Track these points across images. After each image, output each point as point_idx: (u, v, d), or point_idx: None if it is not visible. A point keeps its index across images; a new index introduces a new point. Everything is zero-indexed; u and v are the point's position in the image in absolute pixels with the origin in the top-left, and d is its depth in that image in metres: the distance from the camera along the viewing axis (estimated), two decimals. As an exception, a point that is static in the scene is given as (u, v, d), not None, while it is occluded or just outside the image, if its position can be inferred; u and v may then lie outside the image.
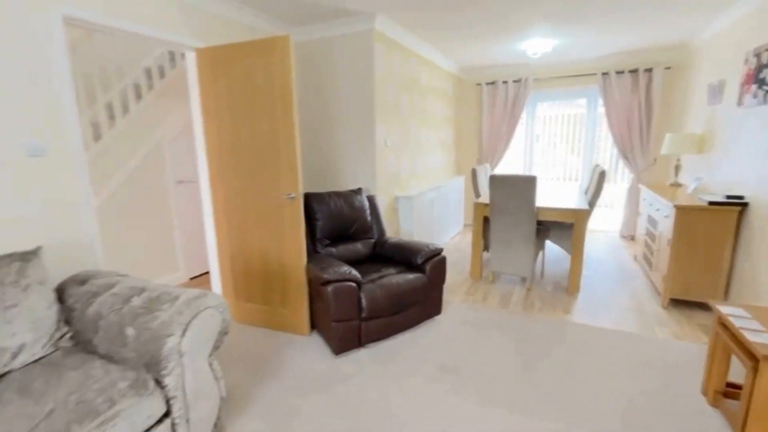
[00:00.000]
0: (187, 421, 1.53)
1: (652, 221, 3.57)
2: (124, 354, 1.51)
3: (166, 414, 1.47)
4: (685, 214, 2.81)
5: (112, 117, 3.31)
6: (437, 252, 2.81)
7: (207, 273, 3.96)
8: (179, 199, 3.70)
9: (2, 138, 1.72)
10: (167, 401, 1.46)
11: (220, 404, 1.70)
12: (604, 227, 5.58)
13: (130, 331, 1.52)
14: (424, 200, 4.11)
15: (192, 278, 3.89)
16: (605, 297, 3.27)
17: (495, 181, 3.30)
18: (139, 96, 3.44)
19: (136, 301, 1.60)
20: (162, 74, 3.61)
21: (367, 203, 3.17)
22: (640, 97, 4.67)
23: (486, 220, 3.69)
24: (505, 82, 5.35)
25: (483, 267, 3.99)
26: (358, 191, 3.16)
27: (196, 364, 1.54)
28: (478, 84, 5.58)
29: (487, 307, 3.09)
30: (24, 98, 1.79)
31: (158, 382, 1.45)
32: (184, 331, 1.48)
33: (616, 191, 5.55)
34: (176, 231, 3.69)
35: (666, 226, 3.06)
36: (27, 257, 1.64)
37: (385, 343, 2.55)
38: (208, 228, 2.90)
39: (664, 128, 4.72)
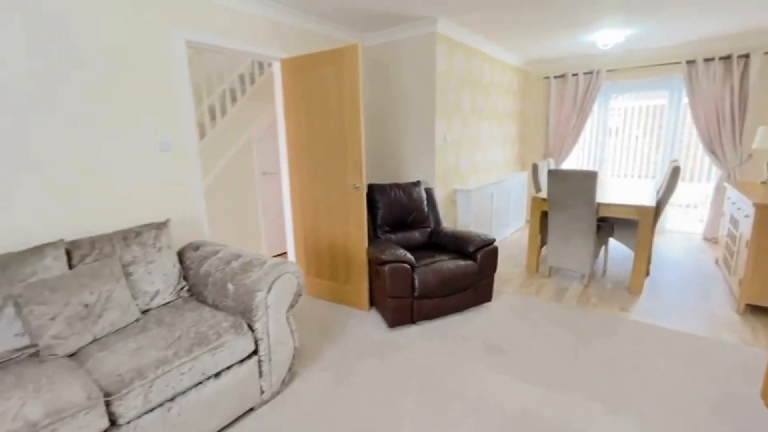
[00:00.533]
0: (270, 360, 1.93)
1: (734, 221, 3.31)
2: (226, 303, 1.96)
3: (255, 352, 1.89)
4: (765, 212, 2.62)
5: (213, 118, 3.95)
6: (489, 242, 2.96)
7: (285, 253, 4.51)
8: (264, 188, 4.28)
9: (144, 138, 2.28)
10: (256, 342, 1.87)
11: (294, 353, 2.09)
12: (686, 228, 5.16)
13: (230, 286, 1.96)
14: (482, 194, 4.23)
15: (273, 256, 4.47)
16: (671, 299, 3.13)
17: (553, 175, 3.33)
18: (234, 99, 4.05)
19: (235, 264, 2.04)
20: (252, 80, 4.19)
21: (424, 195, 3.41)
22: (733, 86, 4.24)
23: (544, 215, 3.71)
24: (574, 75, 5.18)
25: (540, 262, 4.00)
26: (417, 183, 3.42)
27: (277, 315, 1.93)
28: (546, 77, 5.46)
29: (540, 300, 3.16)
30: (158, 107, 2.33)
31: (250, 326, 1.86)
32: (270, 288, 1.88)
33: (701, 190, 5.08)
34: (260, 216, 4.28)
35: (746, 226, 2.85)
36: (160, 227, 2.18)
37: (435, 322, 2.79)
38: (286, 214, 3.37)
39: (759, 121, 4.23)
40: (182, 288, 2.19)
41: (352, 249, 2.97)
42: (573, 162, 5.65)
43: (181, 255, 2.31)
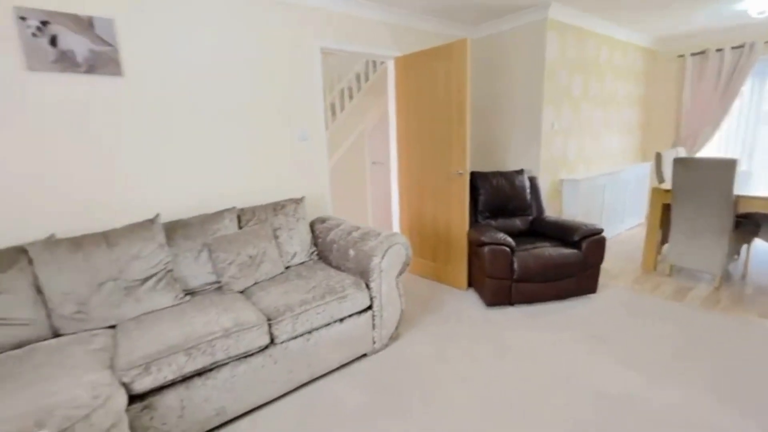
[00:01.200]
0: (381, 316, 2.28)
1: None
2: (348, 266, 2.36)
3: (370, 307, 2.25)
4: None
5: (333, 113, 4.51)
6: (596, 231, 2.88)
7: (387, 236, 4.92)
8: (373, 176, 4.73)
9: (288, 130, 2.82)
10: (371, 298, 2.23)
11: (400, 315, 2.40)
12: None
13: (351, 252, 2.35)
14: (592, 185, 4.02)
15: (376, 239, 4.92)
16: (836, 310, 2.63)
17: (681, 164, 3.04)
18: (350, 96, 4.56)
19: (355, 234, 2.43)
20: (366, 78, 4.65)
21: (527, 183, 3.43)
22: None
23: (666, 208, 3.39)
24: (718, 50, 4.48)
25: (659, 261, 3.66)
26: (520, 172, 3.45)
27: (388, 279, 2.26)
28: (680, 56, 4.83)
29: (655, 297, 2.95)
30: (300, 104, 2.85)
31: (367, 285, 2.23)
32: (383, 255, 2.21)
33: None
34: (369, 201, 4.75)
35: None
36: (298, 202, 2.69)
37: (534, 306, 2.85)
38: (393, 198, 3.73)
39: None
40: (313, 252, 2.67)
41: (454, 232, 3.17)
42: (712, 151, 4.90)
43: (311, 226, 2.80)
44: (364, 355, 2.31)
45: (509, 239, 2.78)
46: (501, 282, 2.77)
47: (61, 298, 1.78)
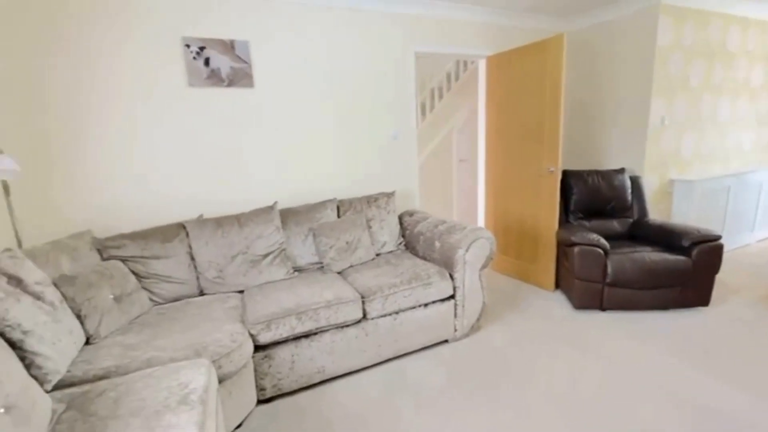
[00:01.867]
0: (463, 306, 2.39)
1: None
2: (433, 256, 2.52)
3: (452, 296, 2.38)
4: None
5: (423, 113, 4.69)
6: (711, 238, 2.59)
7: (472, 234, 4.95)
8: (459, 173, 4.80)
9: (382, 130, 3.08)
10: (454, 288, 2.36)
11: (482, 307, 2.49)
12: None
13: (437, 243, 2.51)
14: (713, 187, 3.55)
15: (460, 236, 4.98)
16: None
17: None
18: (440, 96, 4.69)
19: (441, 227, 2.58)
20: (456, 77, 4.73)
21: (628, 183, 3.20)
22: None
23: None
24: None
25: (801, 276, 3.11)
26: (621, 171, 3.23)
27: (472, 271, 2.37)
28: None
29: (787, 317, 2.55)
30: (393, 105, 3.09)
31: (450, 276, 2.36)
32: (468, 248, 2.32)
33: None
34: (454, 197, 4.84)
35: None
36: (389, 195, 2.93)
37: (628, 314, 2.68)
38: (479, 195, 3.77)
39: None
40: (400, 243, 2.89)
41: (541, 230, 3.12)
42: None
43: (400, 218, 3.02)
44: (446, 341, 2.45)
45: (603, 240, 2.66)
46: (591, 285, 2.67)
47: (207, 265, 2.26)
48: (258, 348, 1.90)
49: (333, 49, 2.81)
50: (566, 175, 3.24)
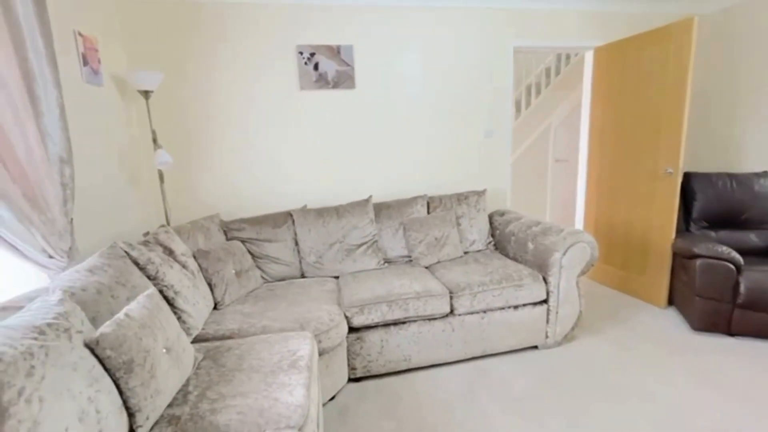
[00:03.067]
0: (557, 313, 2.27)
1: None
2: (525, 258, 2.43)
3: (545, 301, 2.27)
4: None
5: (518, 110, 4.50)
6: None
7: (566, 239, 4.61)
8: (555, 174, 4.51)
9: (476, 127, 3.05)
10: (547, 293, 2.25)
11: (578, 316, 2.33)
12: None
13: (530, 245, 2.41)
14: None
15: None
16: None
17: None
18: (538, 92, 4.45)
19: (535, 229, 2.47)
20: (557, 72, 4.44)
21: (774, 189, 2.69)
22: None
23: None
24: None
25: None
26: (764, 174, 2.73)
27: (568, 276, 2.23)
28: None
29: None
30: (488, 103, 3.04)
31: (544, 279, 2.26)
32: (565, 251, 2.20)
33: None
34: (548, 199, 4.56)
35: None
36: (480, 194, 2.89)
37: (764, 343, 2.27)
38: (579, 198, 3.50)
39: None
40: (490, 242, 2.84)
41: (654, 239, 2.79)
42: None
43: (490, 217, 2.96)
44: (535, 347, 2.35)
45: (735, 254, 2.28)
46: (716, 304, 2.32)
47: (308, 251, 2.50)
48: (351, 330, 2.05)
49: (429, 47, 2.86)
50: (688, 178, 2.85)
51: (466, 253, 2.76)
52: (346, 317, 2.02)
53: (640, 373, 2.06)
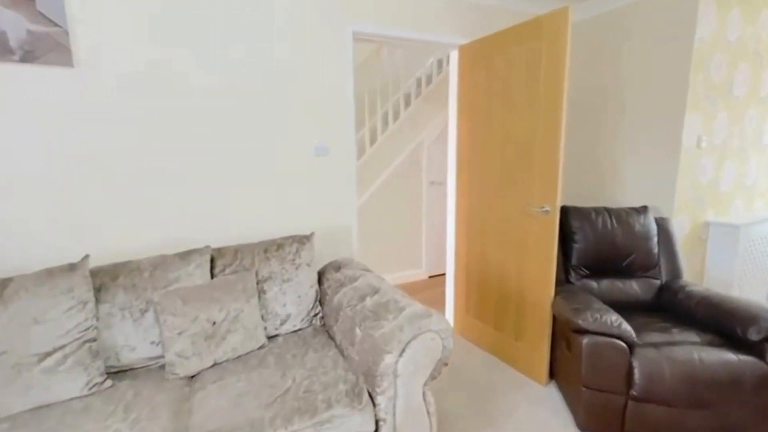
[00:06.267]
0: (394, 449, 1.38)
1: None
2: (350, 353, 1.52)
3: (375, 433, 1.37)
4: None
5: (386, 123, 3.73)
6: (797, 328, 1.63)
7: (444, 274, 3.97)
8: (430, 199, 3.84)
9: (300, 141, 2.10)
10: (376, 422, 1.34)
11: (430, 441, 1.48)
12: None
13: (357, 332, 1.51)
14: (763, 234, 2.63)
15: (431, 276, 4.00)
16: None
17: None
18: (408, 104, 3.75)
19: (369, 302, 1.58)
20: (429, 81, 3.81)
21: (654, 228, 2.26)
22: None
23: None
24: None
25: None
26: (643, 210, 2.29)
27: (409, 389, 1.36)
28: None
29: None
30: (318, 107, 2.12)
31: (371, 397, 1.36)
32: (402, 351, 1.33)
33: None
34: (424, 229, 3.86)
35: None
36: (303, 240, 1.93)
37: (665, 444, 1.69)
38: (449, 232, 2.80)
39: None
40: (316, 314, 1.88)
41: (530, 294, 2.15)
42: None
43: (321, 275, 2.02)
44: (364, 506, 1.42)
45: (626, 326, 1.69)
46: (607, 396, 1.69)
47: None
48: None
49: (228, 22, 1.84)
50: (565, 213, 2.30)
51: (272, 338, 1.75)
52: None
53: None
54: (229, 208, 1.97)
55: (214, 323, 1.56)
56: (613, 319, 1.70)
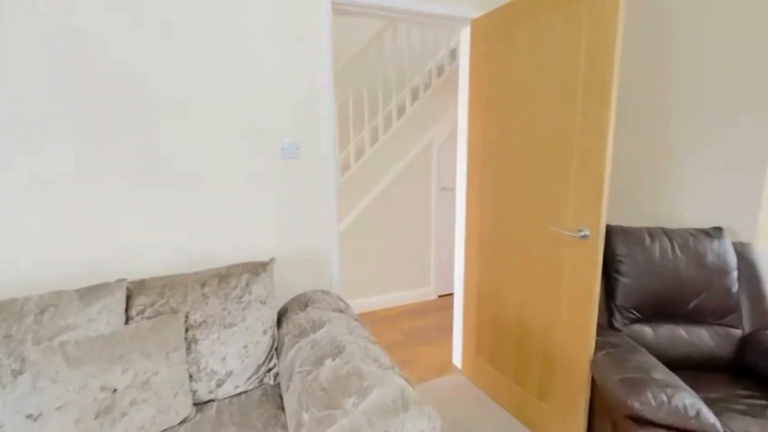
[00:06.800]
0: None
1: None
2: (294, 448, 1.05)
3: None
4: None
5: (389, 126, 3.24)
6: None
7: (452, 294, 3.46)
8: (441, 207, 3.34)
9: (266, 143, 1.65)
10: None
11: None
12: None
13: (304, 417, 1.03)
14: None
15: (441, 296, 3.49)
16: None
17: None
18: (415, 98, 3.25)
19: (325, 371, 1.10)
20: (440, 73, 3.30)
21: (733, 258, 1.68)
22: None
23: None
24: None
25: None
26: (716, 233, 1.72)
27: None
28: None
29: None
30: (288, 100, 1.66)
31: None
32: (358, 468, 0.84)
33: None
34: (433, 242, 3.35)
35: None
36: (256, 270, 1.48)
37: None
38: (457, 251, 2.29)
39: None
40: (269, 370, 1.42)
41: (560, 345, 1.62)
42: None
43: (282, 315, 1.56)
44: None
45: (706, 413, 1.14)
46: None
47: None
48: None
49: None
50: (609, 236, 1.75)
51: (203, 404, 1.30)
52: None
53: None
54: (159, 224, 1.54)
55: (114, 391, 1.13)
56: (687, 402, 1.15)
